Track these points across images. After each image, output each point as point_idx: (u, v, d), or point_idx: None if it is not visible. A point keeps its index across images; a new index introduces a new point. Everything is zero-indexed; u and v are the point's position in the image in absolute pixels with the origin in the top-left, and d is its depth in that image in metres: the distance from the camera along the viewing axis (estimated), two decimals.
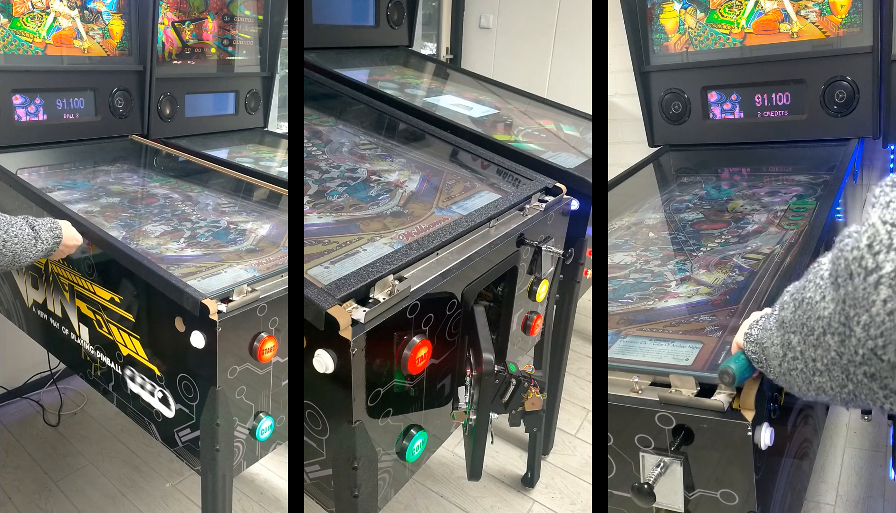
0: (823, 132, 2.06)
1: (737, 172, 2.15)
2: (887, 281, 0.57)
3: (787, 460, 1.16)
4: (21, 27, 1.96)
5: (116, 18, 2.22)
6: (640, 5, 2.20)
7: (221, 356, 1.21)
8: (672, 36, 2.19)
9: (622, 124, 2.49)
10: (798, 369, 0.75)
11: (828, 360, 0.68)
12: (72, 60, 2.13)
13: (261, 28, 2.77)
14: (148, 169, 2.20)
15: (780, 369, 0.80)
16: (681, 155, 2.29)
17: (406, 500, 1.93)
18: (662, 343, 1.13)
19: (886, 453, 2.18)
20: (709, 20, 2.12)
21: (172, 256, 1.43)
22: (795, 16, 2.00)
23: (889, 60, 1.92)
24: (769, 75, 2.09)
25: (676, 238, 1.66)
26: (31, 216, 1.28)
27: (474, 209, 1.46)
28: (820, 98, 2.01)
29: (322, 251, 1.20)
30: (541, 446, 2.00)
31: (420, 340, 1.11)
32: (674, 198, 1.93)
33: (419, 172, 1.70)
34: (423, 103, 2.11)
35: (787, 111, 2.11)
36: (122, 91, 2.26)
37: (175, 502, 1.94)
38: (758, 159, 2.15)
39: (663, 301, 1.32)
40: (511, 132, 2.02)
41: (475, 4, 3.87)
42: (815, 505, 1.98)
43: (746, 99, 2.14)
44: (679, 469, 0.98)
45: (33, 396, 2.39)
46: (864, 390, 0.66)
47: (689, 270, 1.44)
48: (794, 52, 2.02)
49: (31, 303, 1.72)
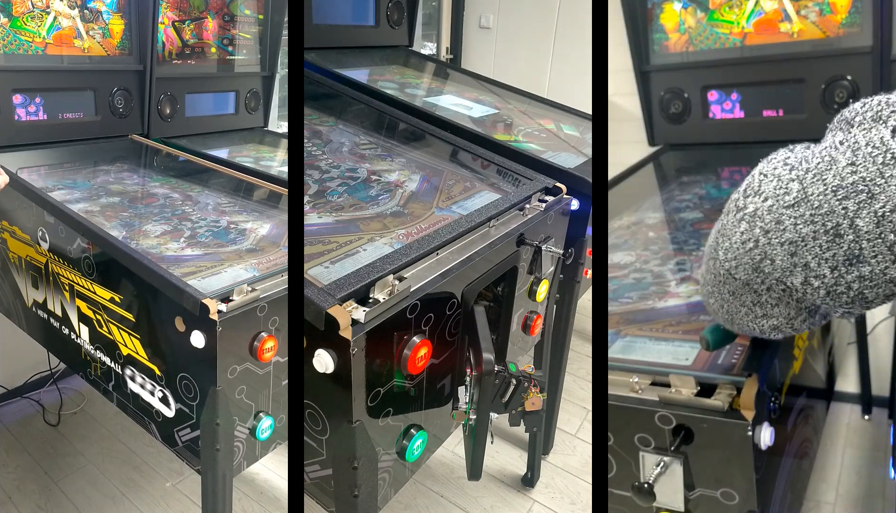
0: (823, 132, 2.05)
1: (737, 171, 2.15)
2: (748, 218, 0.73)
3: (787, 459, 1.16)
4: (21, 27, 1.96)
5: (116, 18, 2.22)
6: (640, 5, 2.20)
7: (221, 356, 1.21)
8: (672, 35, 2.19)
9: (622, 124, 2.48)
10: (709, 299, 0.89)
11: (710, 283, 0.84)
12: (72, 60, 2.12)
13: (261, 28, 2.77)
14: (148, 169, 2.20)
15: (710, 307, 0.91)
16: (681, 154, 2.29)
17: (406, 500, 1.93)
18: (662, 343, 1.13)
19: (886, 452, 2.18)
20: (709, 20, 2.12)
21: (172, 256, 1.43)
22: (795, 15, 2.00)
23: (889, 60, 1.92)
24: (769, 75, 2.09)
25: (676, 238, 1.66)
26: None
27: (474, 209, 1.46)
28: (820, 98, 2.01)
29: (322, 251, 1.20)
30: (541, 446, 2.00)
31: (420, 340, 1.11)
32: (674, 197, 1.93)
33: (419, 171, 1.70)
34: (423, 103, 2.11)
35: (787, 111, 2.10)
36: (123, 91, 2.26)
37: (175, 501, 1.94)
38: (758, 159, 2.14)
39: (663, 301, 1.32)
40: (511, 132, 2.02)
41: (475, 4, 3.87)
42: (815, 504, 1.98)
43: (746, 98, 2.14)
44: (679, 469, 0.98)
45: (33, 395, 2.39)
46: (733, 308, 0.82)
47: (689, 269, 1.44)
48: (794, 52, 2.02)
49: (31, 302, 1.72)
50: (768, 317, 0.78)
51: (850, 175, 0.65)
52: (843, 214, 0.65)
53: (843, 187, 0.65)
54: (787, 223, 0.69)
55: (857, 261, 0.65)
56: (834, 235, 0.65)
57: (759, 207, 0.72)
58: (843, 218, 0.65)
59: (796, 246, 0.69)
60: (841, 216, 0.65)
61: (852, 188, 0.65)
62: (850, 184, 0.65)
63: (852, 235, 0.64)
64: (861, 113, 0.71)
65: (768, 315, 0.78)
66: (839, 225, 0.65)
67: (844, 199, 0.65)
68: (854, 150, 0.67)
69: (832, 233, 0.66)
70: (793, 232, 0.69)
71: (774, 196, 0.71)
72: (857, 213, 0.64)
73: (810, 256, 0.68)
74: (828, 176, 0.67)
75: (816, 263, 0.67)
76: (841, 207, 0.65)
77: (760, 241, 0.72)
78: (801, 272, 0.69)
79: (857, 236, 0.64)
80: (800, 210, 0.68)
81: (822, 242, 0.66)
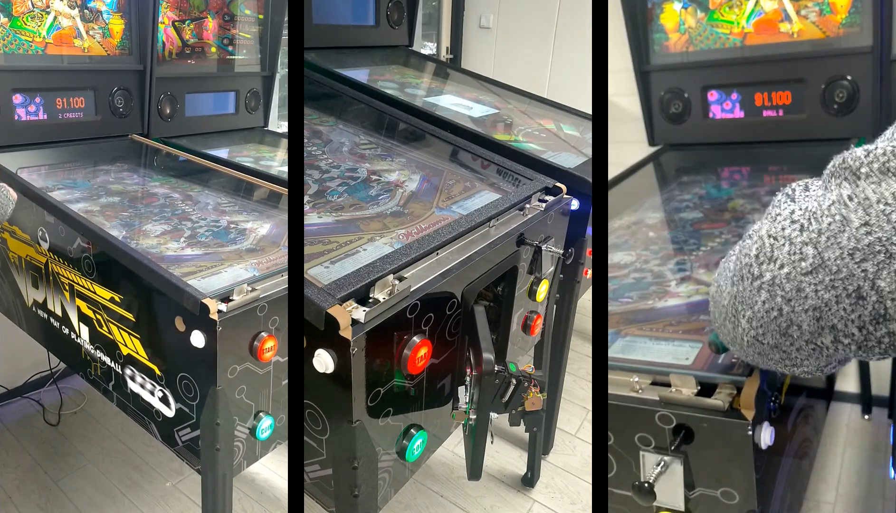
0: (823, 132, 2.06)
1: (737, 171, 2.15)
2: (766, 287, 0.73)
3: (787, 459, 1.16)
4: (21, 26, 1.96)
5: (116, 18, 2.22)
6: (640, 5, 2.20)
7: (221, 356, 1.21)
8: (672, 35, 2.19)
9: (622, 124, 2.48)
10: (732, 348, 0.88)
11: (728, 338, 0.84)
12: (72, 60, 2.12)
13: (261, 27, 2.77)
14: (148, 168, 2.20)
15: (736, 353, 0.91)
16: (681, 154, 2.29)
17: (406, 500, 1.93)
18: (662, 343, 1.13)
19: (886, 452, 2.18)
20: (709, 20, 2.12)
21: (172, 256, 1.43)
22: (795, 15, 2.00)
23: (889, 60, 1.92)
24: (769, 75, 2.09)
25: (676, 237, 1.66)
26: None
27: (474, 209, 1.46)
28: (820, 98, 2.01)
29: (322, 251, 1.20)
30: (541, 446, 2.00)
31: (420, 340, 1.11)
32: (674, 197, 1.93)
33: (419, 171, 1.70)
34: (423, 103, 2.11)
35: (787, 111, 2.10)
36: (123, 90, 2.26)
37: (175, 501, 1.94)
38: (758, 159, 2.15)
39: (663, 300, 1.32)
40: (511, 132, 2.02)
41: (475, 4, 3.87)
42: (815, 504, 1.98)
43: (746, 98, 2.14)
44: (679, 468, 0.98)
45: (33, 395, 2.39)
46: (762, 362, 0.82)
47: (689, 269, 1.44)
48: (794, 52, 2.02)
49: (31, 302, 1.72)
50: (798, 366, 0.79)
51: (866, 236, 0.64)
52: (863, 277, 0.64)
53: (860, 249, 0.65)
54: (808, 291, 0.69)
55: (883, 320, 0.65)
56: (857, 298, 0.65)
57: (777, 275, 0.72)
58: (864, 281, 0.64)
59: (821, 312, 0.68)
60: (861, 279, 0.65)
61: (869, 250, 0.64)
62: (867, 245, 0.64)
63: (875, 296, 0.64)
64: (867, 164, 0.68)
65: (798, 365, 0.78)
66: (860, 288, 0.65)
67: (862, 261, 0.64)
68: (866, 208, 0.65)
69: (854, 296, 0.65)
70: (815, 299, 0.68)
71: (791, 263, 0.70)
72: (878, 274, 0.63)
73: (836, 319, 0.67)
74: (842, 239, 0.66)
75: (843, 325, 0.67)
76: (860, 270, 0.64)
77: (784, 309, 0.72)
78: (830, 333, 0.69)
79: (881, 297, 0.64)
80: (819, 276, 0.68)
81: (845, 306, 0.66)
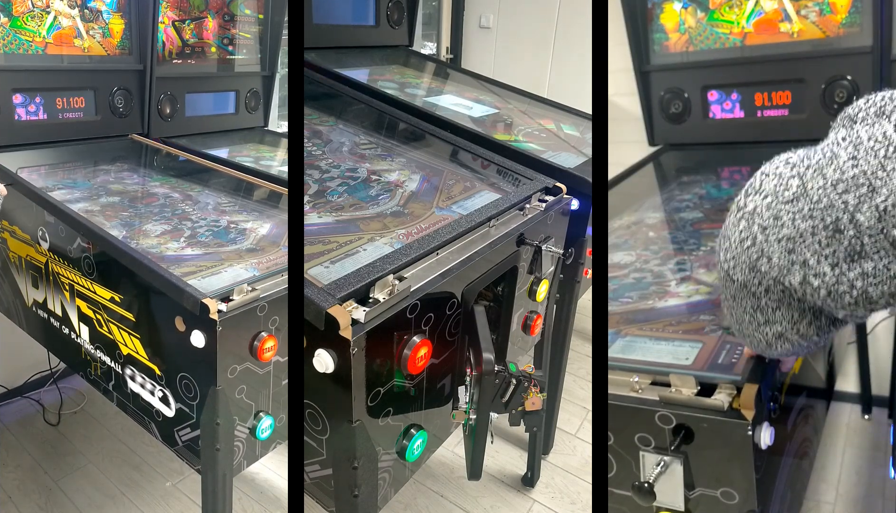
0: (823, 132, 2.04)
1: (737, 171, 2.15)
2: (747, 216, 0.70)
3: (787, 459, 1.16)
4: (21, 26, 1.96)
5: (117, 17, 2.22)
6: (640, 5, 2.20)
7: (221, 356, 1.21)
8: (672, 35, 2.19)
9: (622, 124, 2.48)
10: (723, 308, 0.86)
11: (720, 290, 0.81)
12: (72, 60, 2.12)
13: (261, 27, 2.77)
14: (148, 168, 2.20)
15: (725, 318, 0.89)
16: (681, 154, 2.29)
17: (406, 499, 1.93)
18: (662, 343, 1.13)
19: (886, 452, 2.18)
20: (709, 20, 2.12)
21: (172, 256, 1.43)
22: (795, 15, 2.00)
23: (889, 60, 1.92)
24: (769, 75, 2.09)
25: (676, 237, 1.66)
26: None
27: (474, 209, 1.46)
28: (820, 98, 2.01)
29: (322, 251, 1.20)
30: (541, 446, 2.00)
31: (420, 340, 1.11)
32: (674, 197, 1.93)
33: (419, 171, 1.70)
34: (423, 103, 2.11)
35: (787, 110, 2.10)
36: (123, 90, 2.26)
37: (175, 501, 1.94)
38: (758, 159, 2.14)
39: (663, 300, 1.32)
40: (511, 132, 2.02)
41: (475, 4, 3.87)
42: (815, 504, 1.98)
43: (747, 98, 2.14)
44: (679, 468, 0.98)
45: (33, 395, 2.39)
46: (737, 314, 0.78)
47: (689, 269, 1.44)
48: (794, 52, 2.02)
49: (31, 302, 1.72)
50: (770, 323, 0.75)
51: (851, 169, 0.62)
52: (843, 208, 0.62)
53: (844, 181, 0.62)
54: (785, 218, 0.66)
55: (858, 257, 0.62)
56: (834, 231, 0.63)
57: (759, 205, 0.70)
58: (843, 213, 0.62)
59: (794, 242, 0.66)
60: (841, 210, 0.62)
61: (853, 182, 0.62)
62: (851, 177, 0.62)
63: (853, 230, 0.61)
64: (864, 109, 0.68)
65: (770, 321, 0.75)
66: (839, 220, 0.62)
67: (844, 192, 0.62)
68: (856, 144, 0.64)
69: (832, 228, 0.63)
70: (790, 228, 0.66)
71: (774, 193, 0.69)
72: (858, 207, 0.61)
73: (809, 252, 0.65)
74: (828, 170, 0.64)
75: (815, 260, 0.64)
76: (841, 202, 0.62)
77: (758, 238, 0.69)
78: (800, 270, 0.66)
79: (858, 232, 0.61)
80: (798, 205, 0.65)
81: (821, 238, 0.64)
